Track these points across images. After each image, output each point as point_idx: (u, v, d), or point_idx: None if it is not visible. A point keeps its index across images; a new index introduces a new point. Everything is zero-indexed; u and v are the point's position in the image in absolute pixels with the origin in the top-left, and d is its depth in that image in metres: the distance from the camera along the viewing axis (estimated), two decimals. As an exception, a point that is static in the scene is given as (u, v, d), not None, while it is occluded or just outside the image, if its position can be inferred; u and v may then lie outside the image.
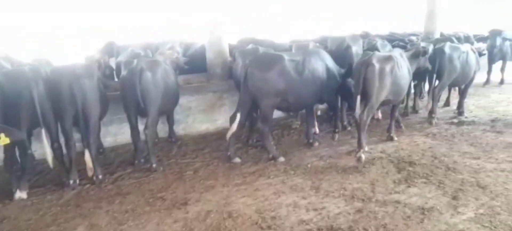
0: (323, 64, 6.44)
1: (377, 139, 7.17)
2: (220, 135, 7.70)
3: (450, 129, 7.58)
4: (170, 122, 7.41)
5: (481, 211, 4.48)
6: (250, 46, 7.83)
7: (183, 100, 7.37)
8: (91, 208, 4.99)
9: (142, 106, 5.78)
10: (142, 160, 6.30)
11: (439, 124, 7.94)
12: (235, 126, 6.18)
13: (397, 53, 6.72)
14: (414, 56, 7.07)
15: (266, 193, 5.15)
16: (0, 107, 4.87)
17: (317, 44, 8.59)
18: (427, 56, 7.38)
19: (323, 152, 6.57)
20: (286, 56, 6.15)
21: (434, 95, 7.81)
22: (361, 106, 6.13)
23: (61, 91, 5.29)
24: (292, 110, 7.24)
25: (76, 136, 5.69)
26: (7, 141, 3.34)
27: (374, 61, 6.01)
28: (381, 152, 6.46)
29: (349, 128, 7.73)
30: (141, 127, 6.14)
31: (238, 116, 6.17)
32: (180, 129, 7.73)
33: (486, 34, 11.46)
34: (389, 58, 6.22)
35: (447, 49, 7.71)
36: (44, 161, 5.44)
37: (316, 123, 7.52)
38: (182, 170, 6.08)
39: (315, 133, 7.35)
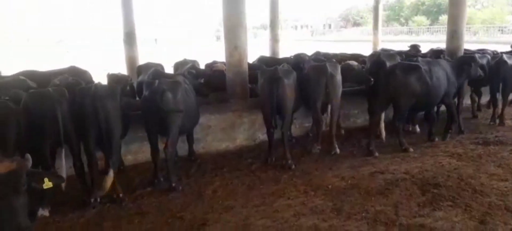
0: (444, 72, 7.57)
1: (399, 159, 7.00)
2: (239, 153, 7.68)
3: (476, 150, 7.33)
4: (190, 140, 7.44)
5: (511, 237, 4.28)
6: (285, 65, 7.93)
7: (202, 119, 7.40)
8: (111, 227, 5.01)
9: (162, 126, 5.86)
10: (162, 179, 6.33)
11: (465, 144, 7.71)
12: (382, 124, 7.78)
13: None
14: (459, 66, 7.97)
15: (286, 215, 5.06)
16: (26, 126, 5.04)
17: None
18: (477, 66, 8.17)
19: (344, 172, 6.44)
20: (422, 65, 7.28)
21: (504, 101, 8.89)
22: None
23: (85, 111, 5.40)
24: (419, 110, 8.16)
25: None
26: (50, 185, 3.44)
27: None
28: (404, 173, 6.29)
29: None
30: (161, 146, 6.19)
31: (382, 115, 7.69)
32: (199, 148, 7.74)
33: None
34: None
35: (507, 59, 8.66)
36: (67, 178, 5.56)
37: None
38: (201, 189, 6.06)
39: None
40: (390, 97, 7.30)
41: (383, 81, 7.28)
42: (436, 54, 10.02)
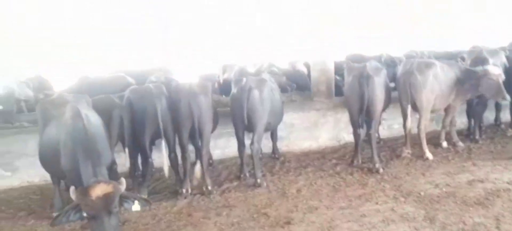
0: None
1: (502, 167, 6.35)
2: (322, 153, 7.60)
3: None
4: (274, 138, 7.54)
5: None
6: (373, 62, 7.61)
7: (286, 117, 7.44)
8: (201, 218, 5.27)
9: (249, 122, 6.02)
10: (248, 174, 6.51)
11: None
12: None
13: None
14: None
15: (373, 220, 4.88)
16: (129, 119, 5.58)
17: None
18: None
19: (438, 179, 6.02)
20: None
21: None
22: None
23: (181, 107, 5.76)
24: None
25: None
26: (138, 208, 3.76)
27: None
28: (507, 183, 5.70)
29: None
30: (247, 142, 6.37)
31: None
32: (283, 146, 7.81)
33: None
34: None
35: None
36: (161, 169, 6.00)
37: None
38: (285, 187, 6.10)
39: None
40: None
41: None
42: None
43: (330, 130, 7.96)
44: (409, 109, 6.90)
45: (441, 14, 16.70)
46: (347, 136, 7.85)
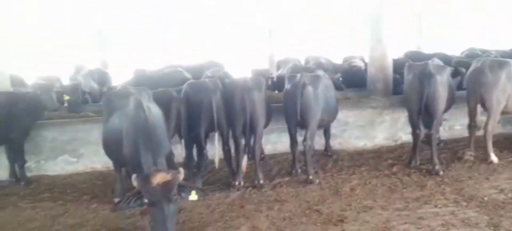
0: None
1: None
2: (378, 153, 7.38)
3: None
4: (327, 135, 7.43)
5: None
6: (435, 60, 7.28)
7: (340, 114, 7.29)
8: (253, 210, 5.33)
9: (302, 119, 5.98)
10: (299, 170, 6.48)
11: None
12: None
13: None
14: None
15: (432, 224, 4.67)
16: (186, 111, 5.79)
17: None
18: None
19: (504, 184, 5.64)
20: None
21: None
22: None
23: (235, 101, 5.86)
24: None
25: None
26: (195, 198, 3.87)
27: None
28: None
29: None
30: (299, 138, 6.33)
31: None
32: (336, 143, 7.68)
33: None
34: None
35: None
36: (213, 161, 6.16)
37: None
38: (338, 185, 6.00)
39: None
40: None
41: None
42: None
43: (387, 129, 7.71)
44: (477, 109, 6.52)
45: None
46: (405, 136, 7.57)
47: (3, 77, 7.08)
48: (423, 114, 6.27)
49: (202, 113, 5.80)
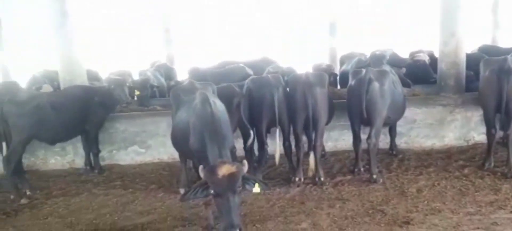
0: None
1: None
2: (447, 153, 6.96)
3: None
4: (392, 133, 7.14)
5: None
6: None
7: (407, 112, 6.97)
8: (313, 207, 5.29)
9: (367, 116, 5.80)
10: (362, 169, 6.31)
11: None
12: None
13: None
14: None
15: (507, 230, 4.33)
16: (248, 106, 5.89)
17: None
18: None
19: None
20: None
21: None
22: None
23: (296, 97, 5.83)
24: None
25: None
26: (258, 190, 3.93)
27: None
28: None
29: None
30: (363, 136, 6.16)
31: None
32: (402, 142, 7.36)
33: None
34: None
35: None
36: (273, 156, 6.18)
37: None
38: (404, 186, 5.76)
39: None
40: None
41: None
42: None
43: (458, 128, 7.24)
44: None
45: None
46: (478, 136, 7.09)
47: (81, 71, 7.66)
48: (501, 114, 5.81)
49: (263, 109, 5.86)
